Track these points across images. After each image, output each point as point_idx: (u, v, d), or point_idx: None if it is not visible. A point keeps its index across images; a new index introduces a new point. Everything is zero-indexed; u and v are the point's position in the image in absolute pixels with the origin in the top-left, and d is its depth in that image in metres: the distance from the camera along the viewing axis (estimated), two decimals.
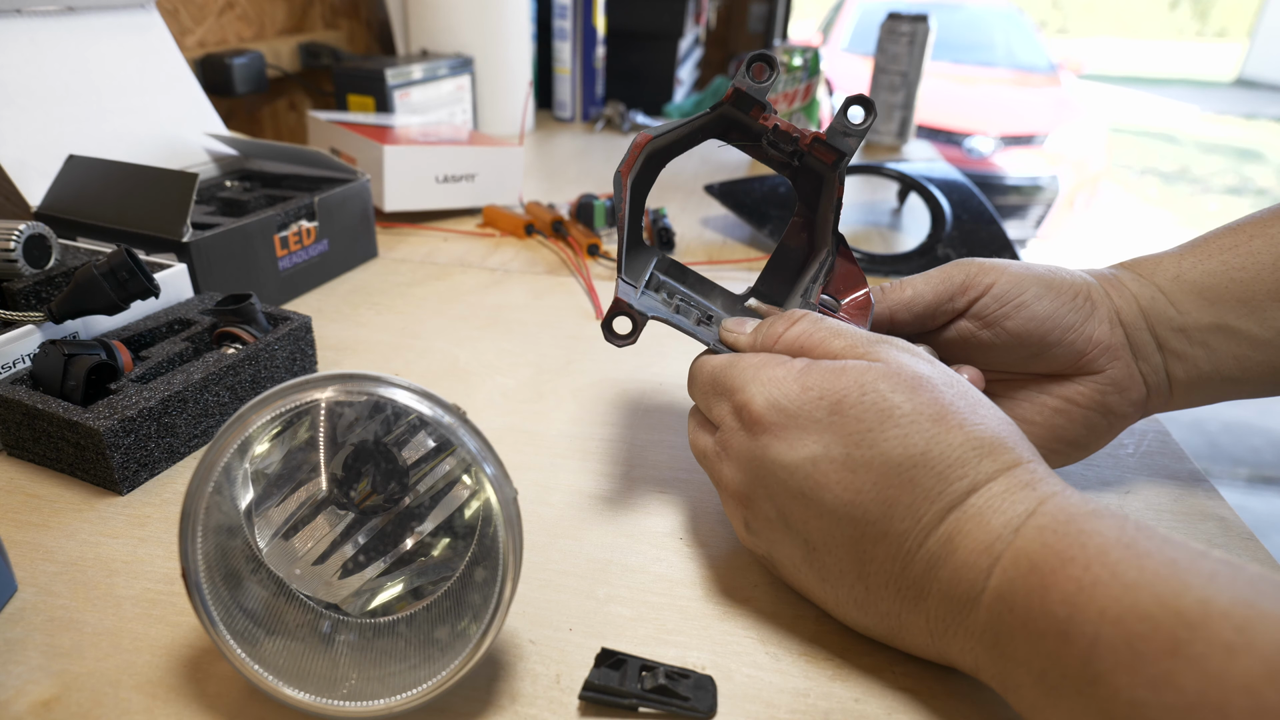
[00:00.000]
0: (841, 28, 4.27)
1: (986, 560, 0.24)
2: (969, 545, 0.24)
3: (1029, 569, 0.22)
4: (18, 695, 0.25)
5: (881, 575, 0.26)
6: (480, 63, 0.98)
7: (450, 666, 0.24)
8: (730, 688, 0.27)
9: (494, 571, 0.24)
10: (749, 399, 0.29)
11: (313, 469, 0.25)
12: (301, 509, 0.26)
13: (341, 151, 0.75)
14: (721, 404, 0.31)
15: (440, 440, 0.25)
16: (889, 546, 0.26)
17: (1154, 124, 6.82)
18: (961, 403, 0.26)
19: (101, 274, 0.38)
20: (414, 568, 0.26)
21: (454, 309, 0.56)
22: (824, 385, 0.27)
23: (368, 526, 0.26)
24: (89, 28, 0.60)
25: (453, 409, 0.24)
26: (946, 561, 0.25)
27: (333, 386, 0.24)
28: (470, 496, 0.26)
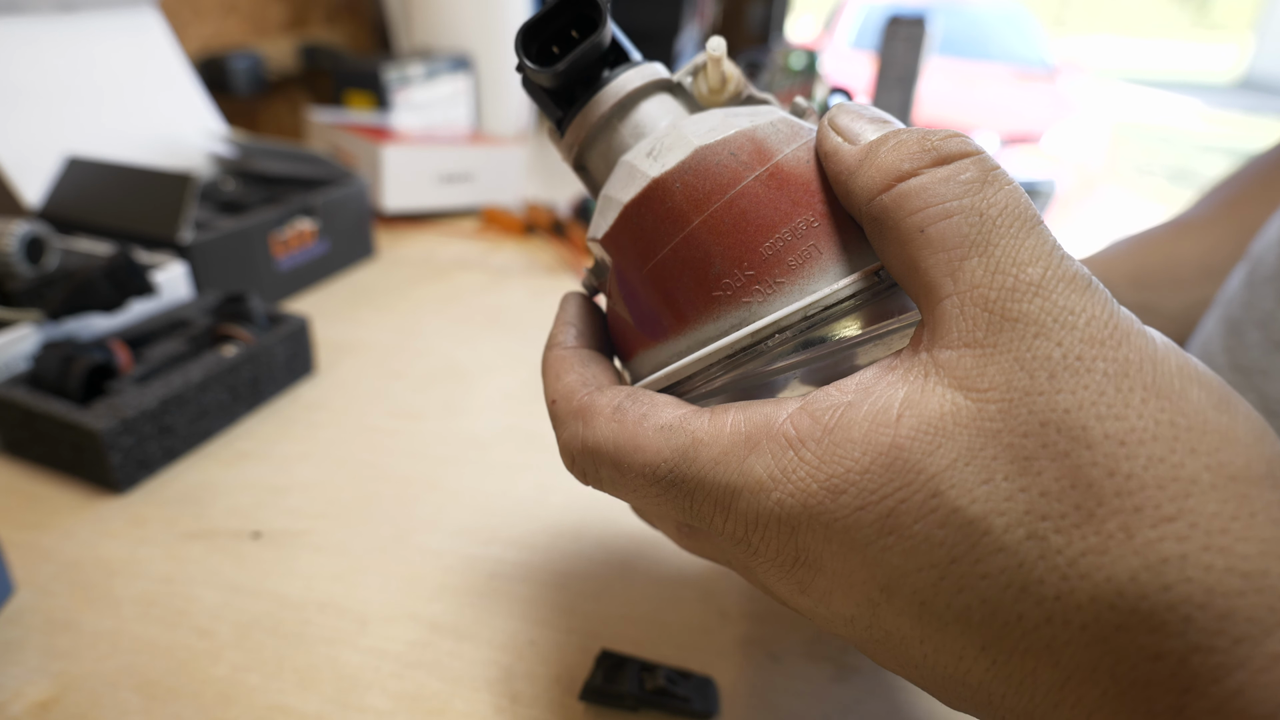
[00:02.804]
0: (845, 25, 4.27)
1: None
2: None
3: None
4: (16, 696, 0.25)
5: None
6: (480, 62, 0.98)
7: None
8: (731, 689, 0.27)
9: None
10: (734, 518, 0.17)
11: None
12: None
13: (341, 151, 0.75)
14: (673, 511, 0.19)
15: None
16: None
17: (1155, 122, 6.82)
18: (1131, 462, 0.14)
19: (100, 274, 0.38)
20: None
21: (454, 309, 0.56)
22: (852, 478, 0.15)
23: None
24: (88, 27, 0.60)
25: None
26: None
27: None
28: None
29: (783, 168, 0.18)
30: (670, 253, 0.19)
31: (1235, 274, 0.34)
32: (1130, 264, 0.41)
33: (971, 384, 0.15)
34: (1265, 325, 0.31)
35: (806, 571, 0.17)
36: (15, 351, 0.38)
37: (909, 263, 0.16)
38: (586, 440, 0.19)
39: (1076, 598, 0.13)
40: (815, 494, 0.16)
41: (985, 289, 0.15)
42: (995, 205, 0.15)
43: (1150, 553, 0.13)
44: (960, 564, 0.14)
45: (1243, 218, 0.41)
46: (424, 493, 0.36)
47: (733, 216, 0.18)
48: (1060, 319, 0.14)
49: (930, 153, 0.16)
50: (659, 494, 0.18)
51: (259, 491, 0.36)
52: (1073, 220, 3.51)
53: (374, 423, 0.42)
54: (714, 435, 0.17)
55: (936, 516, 0.14)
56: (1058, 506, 0.14)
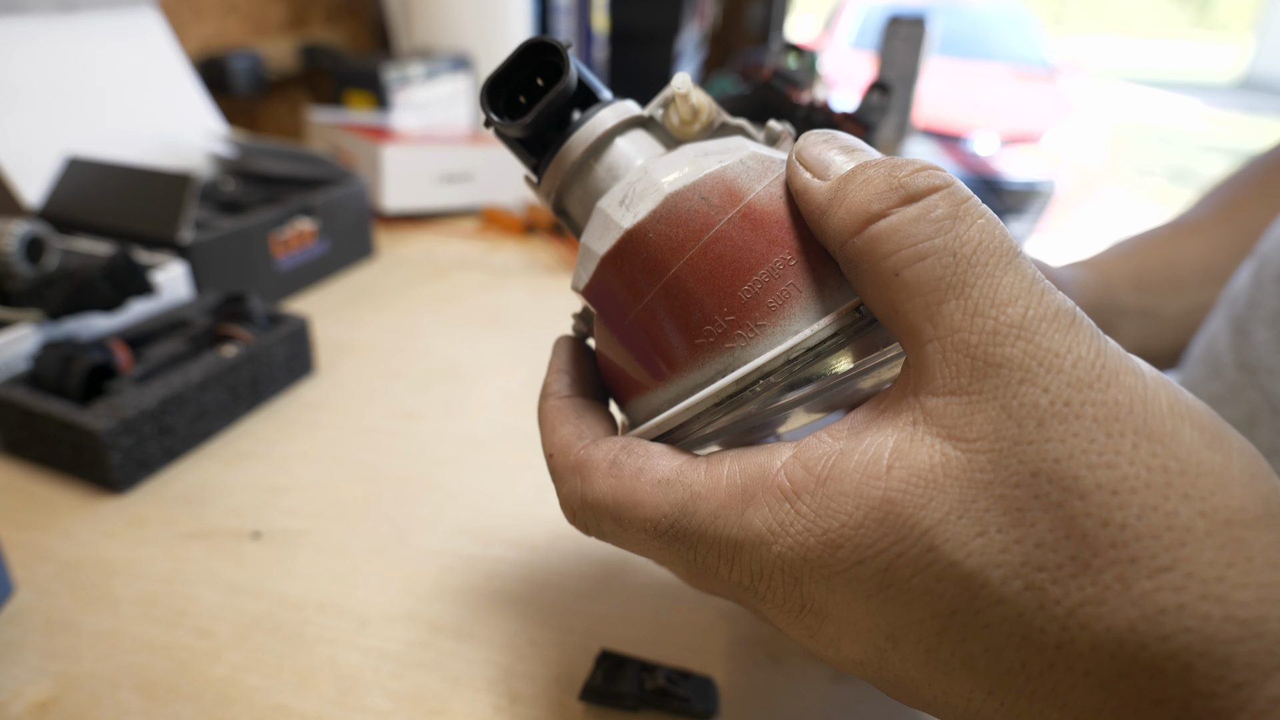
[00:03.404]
0: (845, 25, 4.27)
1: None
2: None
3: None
4: (15, 697, 0.25)
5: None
6: (480, 62, 0.98)
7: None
8: (730, 689, 0.27)
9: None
10: (731, 565, 0.17)
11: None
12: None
13: (341, 151, 0.75)
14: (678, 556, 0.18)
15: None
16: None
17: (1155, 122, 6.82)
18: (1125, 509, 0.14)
19: (100, 274, 0.38)
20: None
21: (454, 309, 0.56)
22: (848, 533, 0.15)
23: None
24: (88, 27, 0.60)
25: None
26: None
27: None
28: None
29: (755, 208, 0.18)
30: (650, 302, 0.19)
31: (1241, 272, 0.34)
32: (1131, 266, 0.41)
33: (960, 434, 0.14)
34: (1272, 323, 0.31)
35: (814, 618, 0.17)
36: (15, 351, 0.38)
37: (888, 306, 0.16)
38: (585, 496, 0.19)
39: (1077, 646, 0.13)
40: (814, 548, 0.16)
41: (966, 333, 0.15)
42: (969, 243, 0.15)
43: (1147, 604, 0.13)
44: (961, 615, 0.14)
45: (1243, 219, 0.41)
46: (424, 493, 0.36)
47: (709, 262, 0.18)
48: (1045, 362, 0.14)
49: (898, 190, 0.16)
50: (662, 547, 0.18)
51: (259, 491, 0.36)
52: (1073, 220, 3.51)
53: (374, 423, 0.42)
54: (711, 488, 0.17)
55: (934, 571, 0.14)
56: (1053, 558, 0.14)
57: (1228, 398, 0.32)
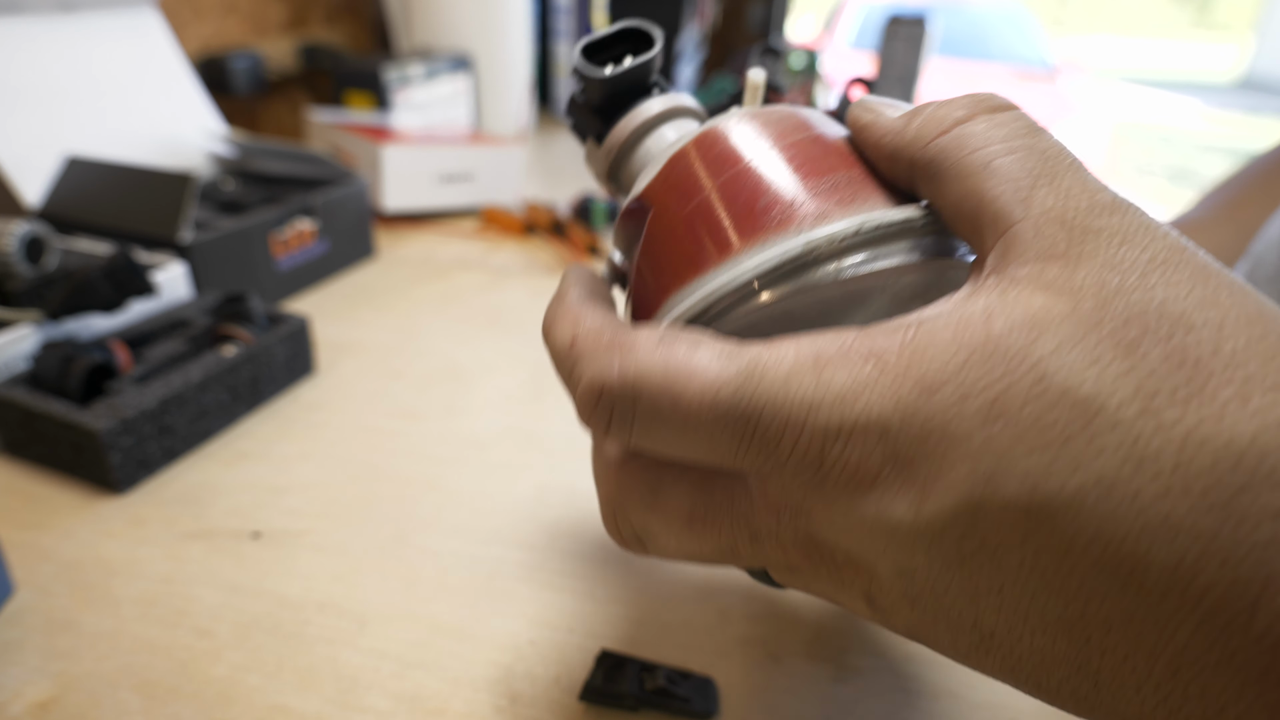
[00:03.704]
0: (845, 24, 4.27)
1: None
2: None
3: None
4: (15, 697, 0.25)
5: (1129, 675, 0.14)
6: (480, 62, 0.98)
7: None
8: (731, 689, 0.27)
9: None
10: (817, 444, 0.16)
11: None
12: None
13: (341, 151, 0.75)
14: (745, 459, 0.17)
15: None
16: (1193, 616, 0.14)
17: (1156, 122, 6.82)
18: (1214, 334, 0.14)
19: (100, 274, 0.38)
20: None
21: (454, 309, 0.56)
22: (949, 373, 0.15)
23: None
24: (88, 27, 0.60)
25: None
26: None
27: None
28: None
29: (825, 137, 0.20)
30: (719, 188, 0.19)
31: (1237, 271, 0.34)
32: None
33: (1061, 286, 0.15)
34: None
35: (892, 485, 0.15)
36: (15, 351, 0.38)
37: (973, 195, 0.16)
38: (624, 369, 0.17)
39: (1196, 465, 0.13)
40: (908, 395, 0.15)
41: (1061, 210, 0.15)
42: (1052, 147, 0.16)
43: (1269, 414, 0.13)
44: (1074, 442, 0.14)
45: (1244, 219, 0.41)
46: (424, 493, 0.36)
47: (784, 158, 0.19)
48: (1142, 229, 0.15)
49: (982, 104, 0.17)
50: (715, 421, 0.16)
51: (259, 491, 0.36)
52: None
53: (374, 423, 0.42)
54: (779, 357, 0.16)
55: (1047, 399, 0.14)
56: (1169, 383, 0.14)
57: None
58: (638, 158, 0.24)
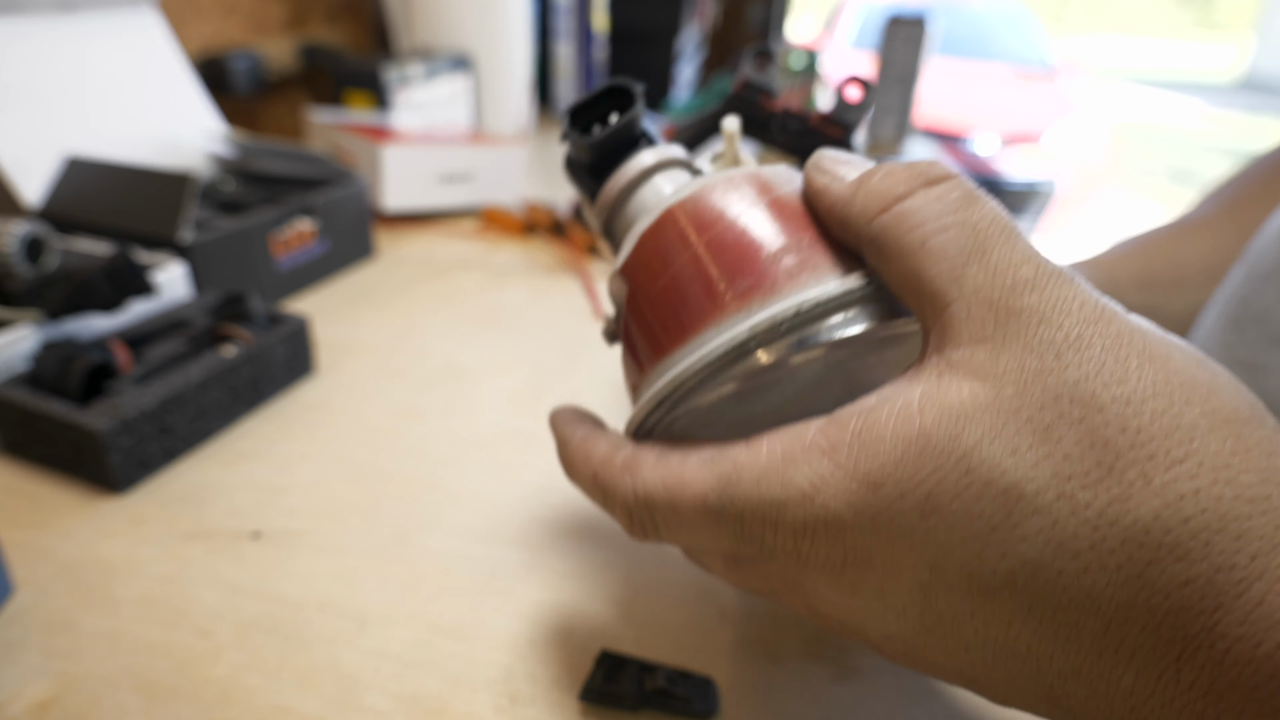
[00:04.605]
0: (845, 24, 4.27)
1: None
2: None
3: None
4: (15, 697, 0.25)
5: (1095, 712, 0.16)
6: (480, 62, 0.98)
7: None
8: (730, 689, 0.27)
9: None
10: (771, 538, 0.18)
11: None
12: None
13: (341, 151, 0.75)
14: (708, 540, 0.20)
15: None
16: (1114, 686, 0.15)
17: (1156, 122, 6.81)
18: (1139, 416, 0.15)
19: (100, 274, 0.38)
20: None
21: (454, 309, 0.56)
22: (888, 470, 0.16)
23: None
24: (88, 27, 0.60)
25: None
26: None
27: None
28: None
29: (783, 199, 0.21)
30: (679, 269, 0.20)
31: (1234, 270, 0.34)
32: (1135, 266, 0.41)
33: (986, 373, 0.16)
34: (1263, 321, 0.31)
35: (857, 570, 0.17)
36: (15, 351, 0.38)
37: (912, 274, 0.18)
38: (638, 490, 0.20)
39: (1109, 544, 0.15)
40: (856, 492, 0.17)
41: (988, 290, 0.16)
42: (984, 218, 0.17)
43: (1168, 492, 0.14)
44: (1000, 531, 0.15)
45: (1246, 218, 0.41)
46: (424, 493, 0.36)
47: (735, 235, 0.20)
48: (1058, 307, 0.16)
49: (920, 177, 0.18)
50: (711, 523, 0.19)
51: (259, 491, 0.36)
52: (1073, 220, 3.51)
53: (374, 423, 0.42)
54: (753, 458, 0.18)
55: (972, 491, 0.15)
56: (1081, 466, 0.15)
57: None
58: (629, 212, 0.25)
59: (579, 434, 0.23)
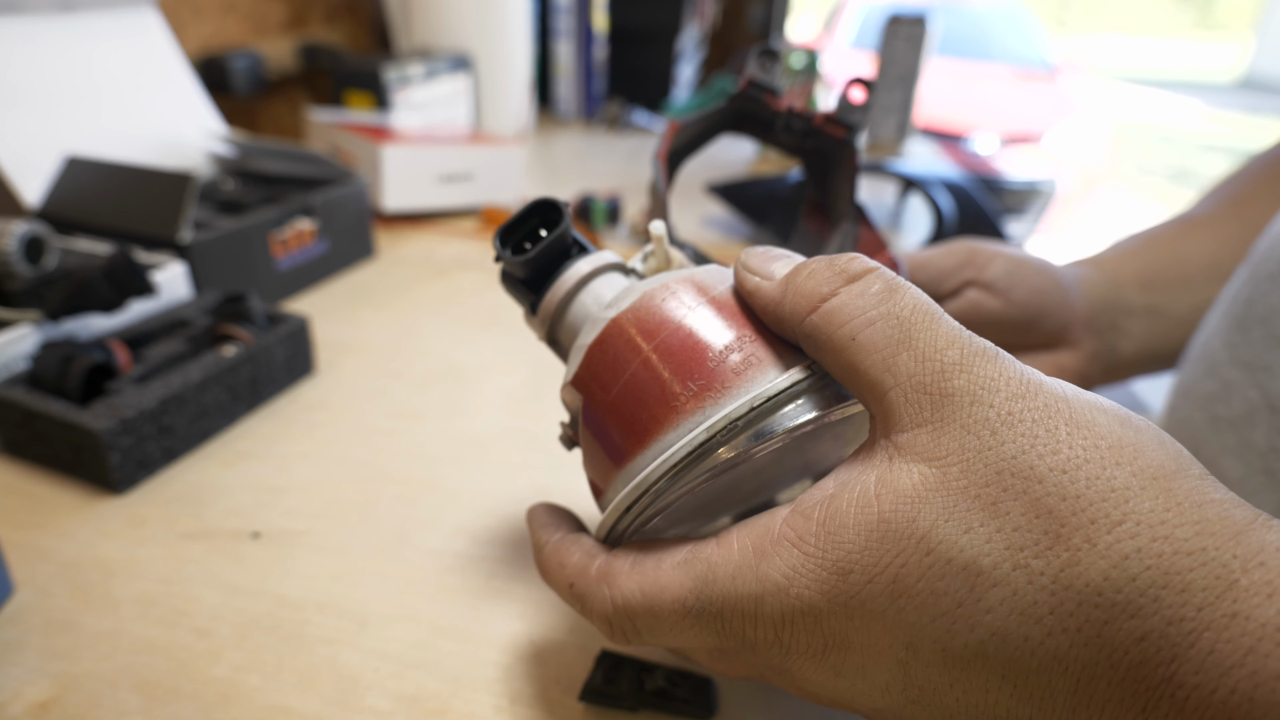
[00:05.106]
0: (845, 24, 4.27)
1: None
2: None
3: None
4: (15, 697, 0.25)
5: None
6: (480, 62, 0.98)
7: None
8: (730, 689, 0.27)
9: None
10: (749, 633, 0.19)
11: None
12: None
13: (341, 151, 0.75)
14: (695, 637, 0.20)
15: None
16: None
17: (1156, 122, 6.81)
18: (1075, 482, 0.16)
19: (100, 274, 0.38)
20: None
21: (454, 309, 0.56)
22: (855, 557, 0.17)
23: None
24: (88, 27, 0.60)
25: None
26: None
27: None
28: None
29: (720, 299, 0.22)
30: (630, 377, 0.21)
31: (1239, 271, 0.34)
32: (1138, 264, 0.41)
33: (931, 455, 0.17)
34: (1268, 321, 0.31)
35: (838, 654, 0.18)
36: (15, 351, 0.38)
37: (848, 367, 0.19)
38: (615, 600, 0.21)
39: (1066, 607, 0.15)
40: (828, 580, 0.17)
41: (920, 376, 0.17)
42: (906, 307, 0.18)
43: (1113, 553, 0.15)
44: (965, 606, 0.16)
45: (1250, 215, 0.41)
46: (424, 493, 0.36)
47: (681, 339, 0.21)
48: (985, 386, 0.17)
49: (840, 275, 0.19)
50: (692, 624, 0.20)
51: (259, 491, 0.36)
52: (1073, 220, 3.51)
53: (374, 423, 0.42)
54: (725, 556, 0.19)
55: (935, 571, 0.16)
56: (1030, 536, 0.16)
57: (1224, 396, 0.32)
58: (571, 320, 0.25)
59: (554, 540, 0.23)
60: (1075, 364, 0.38)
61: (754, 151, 1.03)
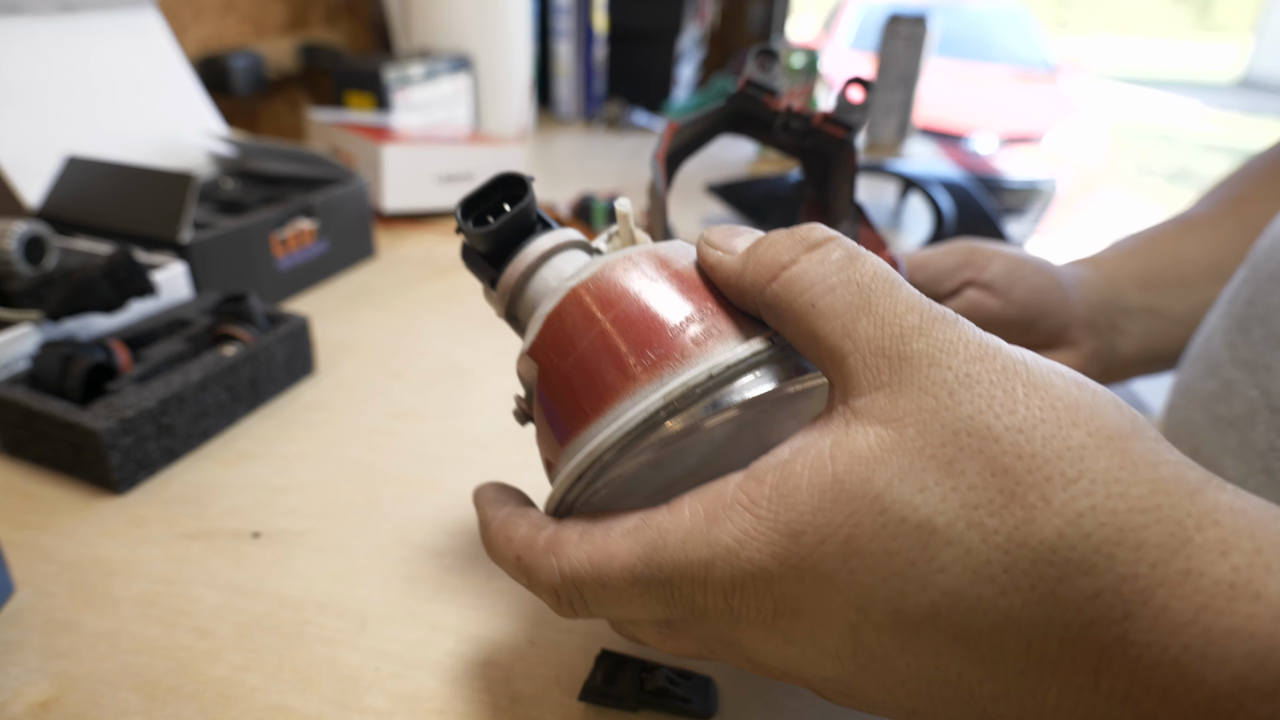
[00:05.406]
0: (845, 25, 4.27)
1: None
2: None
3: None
4: (15, 697, 0.25)
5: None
6: (480, 62, 0.98)
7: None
8: (730, 689, 0.27)
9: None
10: (699, 600, 0.19)
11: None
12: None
13: (341, 151, 0.75)
14: (640, 608, 0.20)
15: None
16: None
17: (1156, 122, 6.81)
18: (1029, 440, 0.16)
19: (100, 274, 0.38)
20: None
21: (453, 309, 0.56)
22: (807, 519, 0.17)
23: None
24: (88, 27, 0.60)
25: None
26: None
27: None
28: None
29: (682, 272, 0.21)
30: (590, 344, 0.21)
31: (1240, 270, 0.34)
32: (1137, 264, 0.41)
33: (888, 417, 0.17)
34: (1268, 321, 0.31)
35: (788, 619, 0.18)
36: (15, 351, 0.38)
37: (808, 334, 0.19)
38: (563, 569, 0.20)
39: (1020, 565, 0.15)
40: (779, 542, 0.17)
41: (879, 340, 0.17)
42: (866, 274, 0.18)
43: (1068, 510, 0.15)
44: (918, 565, 0.16)
45: (1250, 215, 0.41)
46: (424, 493, 0.36)
47: (640, 309, 0.20)
48: (945, 348, 0.17)
49: (801, 243, 0.19)
50: (641, 592, 0.19)
51: (259, 491, 0.36)
52: (1073, 220, 3.51)
53: (374, 423, 0.42)
54: (676, 521, 0.19)
55: (888, 530, 0.16)
56: (985, 495, 0.16)
57: (1225, 395, 0.32)
58: (530, 296, 0.25)
59: (500, 515, 0.23)
60: (1074, 364, 0.38)
61: (754, 151, 1.03)
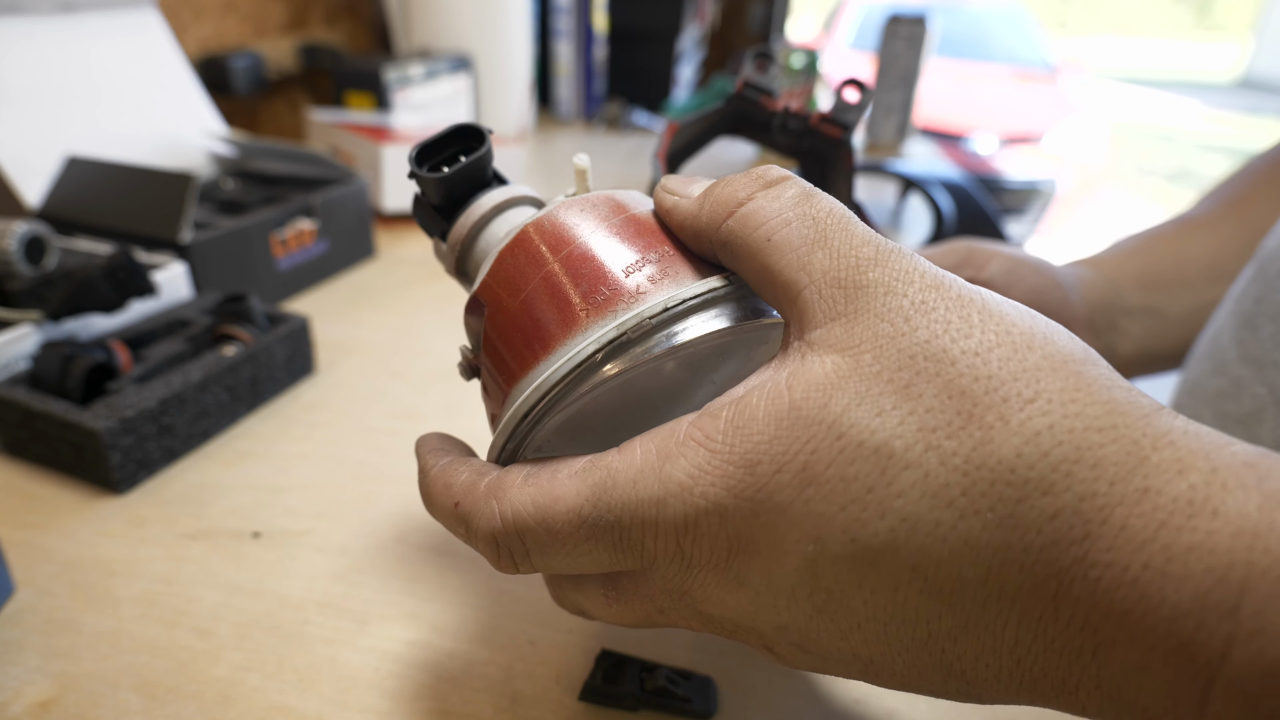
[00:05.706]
0: (845, 25, 4.27)
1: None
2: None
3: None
4: (15, 696, 0.25)
5: (986, 670, 0.16)
6: (480, 62, 0.98)
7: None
8: (730, 689, 0.27)
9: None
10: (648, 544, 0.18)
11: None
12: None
13: (341, 151, 0.75)
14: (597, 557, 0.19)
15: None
16: (986, 642, 0.16)
17: (1156, 122, 6.81)
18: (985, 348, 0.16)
19: (100, 274, 0.38)
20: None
21: (453, 309, 0.56)
22: (763, 448, 0.17)
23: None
24: (88, 27, 0.60)
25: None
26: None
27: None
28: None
29: (637, 217, 0.21)
30: (538, 283, 0.20)
31: (1247, 268, 0.34)
32: (1137, 265, 0.41)
33: (845, 345, 0.17)
34: (1277, 318, 0.31)
35: (742, 558, 0.17)
36: (15, 351, 0.38)
37: (763, 269, 0.18)
38: (504, 514, 0.19)
39: (979, 487, 0.15)
40: (734, 474, 0.17)
41: (835, 272, 0.17)
42: (822, 210, 0.18)
43: (1026, 429, 0.15)
44: (876, 491, 0.16)
45: (1250, 215, 0.41)
46: None
47: (594, 248, 0.20)
48: (901, 278, 0.17)
49: (757, 181, 0.19)
50: (587, 537, 0.18)
51: (259, 491, 0.36)
52: (1073, 220, 3.51)
53: (374, 423, 0.42)
54: (627, 460, 0.18)
55: (845, 456, 0.16)
56: (943, 417, 0.16)
57: (1232, 393, 0.32)
58: (480, 249, 0.24)
59: (441, 463, 0.22)
60: None
61: (753, 152, 1.03)
